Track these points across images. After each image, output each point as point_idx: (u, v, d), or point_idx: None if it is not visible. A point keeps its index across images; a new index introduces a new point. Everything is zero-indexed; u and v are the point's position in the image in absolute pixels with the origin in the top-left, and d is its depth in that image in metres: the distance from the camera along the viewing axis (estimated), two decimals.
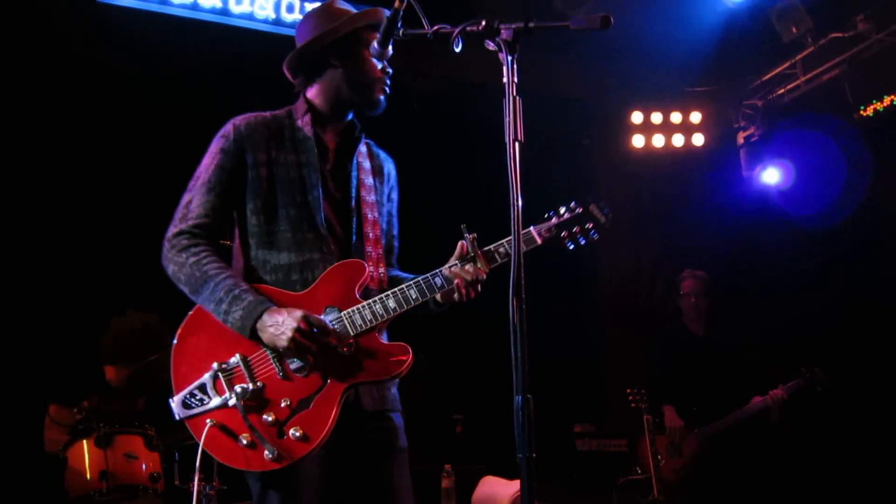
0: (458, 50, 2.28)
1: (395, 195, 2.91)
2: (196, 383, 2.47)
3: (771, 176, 7.40)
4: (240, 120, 2.66)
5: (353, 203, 2.67)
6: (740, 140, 7.67)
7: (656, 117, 7.61)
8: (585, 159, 8.19)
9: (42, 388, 4.92)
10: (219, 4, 6.20)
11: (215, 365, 2.46)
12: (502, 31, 2.13)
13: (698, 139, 7.68)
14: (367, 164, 2.78)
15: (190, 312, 2.56)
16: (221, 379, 2.45)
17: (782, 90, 7.20)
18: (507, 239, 2.53)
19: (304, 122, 2.70)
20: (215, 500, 4.52)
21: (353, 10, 2.74)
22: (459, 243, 2.56)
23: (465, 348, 6.74)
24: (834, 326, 6.59)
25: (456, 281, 2.52)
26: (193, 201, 2.58)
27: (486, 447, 6.07)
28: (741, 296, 7.10)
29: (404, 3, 2.39)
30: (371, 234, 2.67)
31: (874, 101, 6.47)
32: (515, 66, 2.09)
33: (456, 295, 2.55)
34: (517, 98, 2.06)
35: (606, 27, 2.05)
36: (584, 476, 6.25)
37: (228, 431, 2.41)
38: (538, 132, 2.69)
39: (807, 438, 6.66)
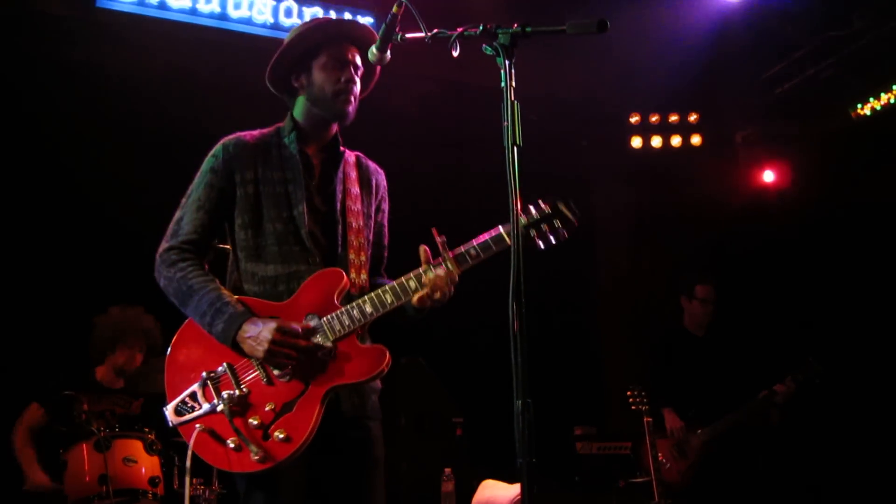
0: (455, 54, 2.29)
1: (385, 206, 2.98)
2: (187, 391, 2.59)
3: (769, 176, 7.40)
4: (229, 140, 2.76)
5: (339, 215, 2.75)
6: (738, 139, 7.68)
7: (654, 118, 7.61)
8: (584, 161, 8.19)
9: (36, 391, 4.93)
10: (217, 9, 6.22)
11: (204, 373, 2.58)
12: (500, 36, 2.13)
13: (696, 139, 7.68)
14: (353, 174, 2.86)
15: (182, 325, 2.68)
16: (210, 386, 2.57)
17: (780, 89, 7.20)
18: (477, 242, 2.59)
19: (289, 141, 2.78)
20: (215, 503, 4.53)
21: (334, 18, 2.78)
22: (422, 247, 2.60)
23: (465, 352, 6.73)
24: (833, 325, 6.59)
25: (427, 285, 2.57)
26: (184, 219, 2.70)
27: (486, 450, 6.07)
28: (739, 295, 7.10)
29: (402, 8, 2.41)
30: (355, 242, 2.75)
31: (871, 99, 6.47)
32: (513, 71, 2.09)
33: (428, 299, 2.59)
34: (515, 102, 2.06)
35: (603, 31, 2.05)
36: (584, 479, 6.24)
37: (216, 436, 2.52)
38: (536, 134, 2.70)
39: (806, 440, 6.66)
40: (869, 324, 6.54)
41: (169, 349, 2.68)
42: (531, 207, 2.65)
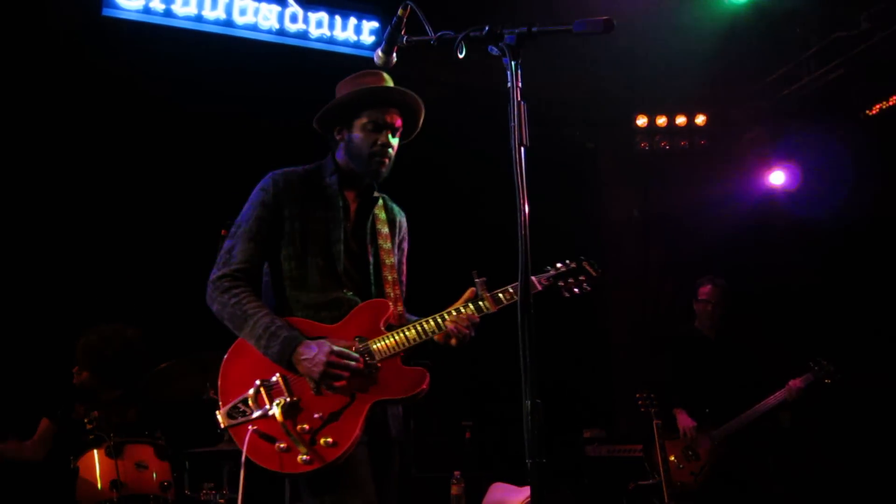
0: (461, 56, 2.29)
1: (405, 245, 3.23)
2: (241, 398, 2.77)
3: (777, 177, 7.38)
4: (278, 175, 2.99)
5: (371, 257, 3.01)
6: (746, 141, 7.65)
7: (661, 120, 7.60)
8: (590, 164, 8.19)
9: (44, 407, 4.95)
10: (223, 16, 6.24)
11: (258, 381, 2.77)
12: (506, 37, 2.13)
13: (704, 141, 7.66)
14: (382, 216, 3.11)
15: (236, 340, 2.86)
16: (263, 393, 2.75)
17: (787, 91, 7.18)
18: (511, 286, 2.93)
19: (331, 182, 3.02)
20: None
21: (378, 80, 3.00)
22: (470, 288, 2.93)
23: (474, 355, 6.71)
24: (842, 327, 6.56)
25: (452, 324, 2.87)
26: (235, 248, 2.90)
27: (496, 453, 6.07)
28: (749, 298, 7.08)
29: (407, 11, 2.42)
30: (389, 277, 3.01)
31: (880, 101, 6.44)
32: (520, 71, 2.09)
33: (454, 339, 2.89)
34: (522, 103, 2.06)
35: (609, 31, 2.05)
36: (593, 482, 6.23)
37: (267, 437, 2.70)
38: (542, 137, 2.71)
39: (816, 442, 6.63)
40: (879, 324, 6.51)
41: (224, 359, 2.85)
42: (558, 263, 3.09)
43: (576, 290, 3.08)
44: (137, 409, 5.00)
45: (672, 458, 5.39)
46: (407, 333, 2.85)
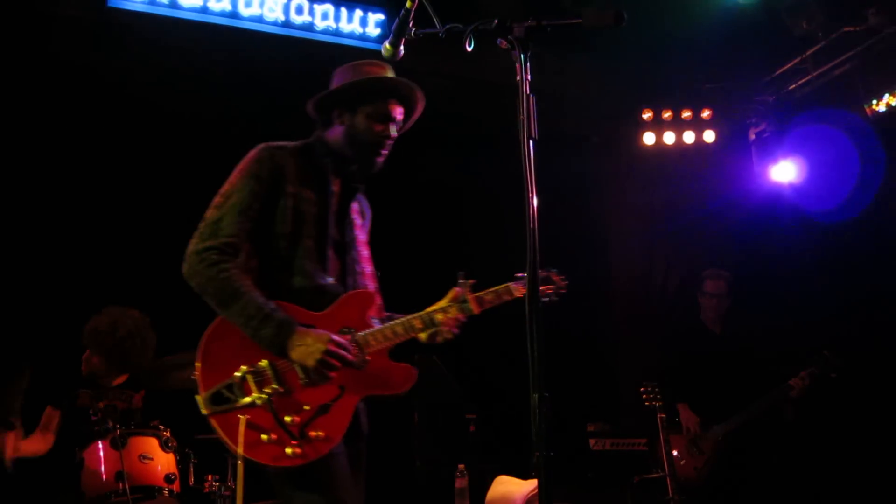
0: (470, 49, 2.29)
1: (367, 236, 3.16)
2: (225, 382, 2.63)
3: (783, 172, 7.36)
4: (274, 148, 2.85)
5: (349, 246, 2.94)
6: (752, 136, 7.63)
7: (667, 114, 7.58)
8: (595, 158, 8.17)
9: (48, 394, 4.97)
10: (228, 7, 6.22)
11: (245, 367, 2.64)
12: (515, 29, 2.13)
13: (709, 135, 7.64)
14: (355, 205, 3.04)
15: (216, 320, 2.72)
16: (250, 381, 2.63)
17: (794, 85, 7.15)
18: (494, 288, 2.97)
19: (324, 163, 2.93)
20: (230, 500, 4.54)
21: (384, 71, 2.94)
22: (454, 288, 2.91)
23: (478, 348, 6.72)
24: (848, 322, 6.55)
25: (442, 323, 2.88)
26: (223, 220, 2.72)
27: (500, 447, 6.07)
28: (754, 292, 7.08)
29: (416, 3, 2.41)
30: (367, 270, 2.98)
31: (886, 95, 6.42)
32: (528, 64, 2.09)
33: (439, 337, 2.92)
34: (531, 96, 2.06)
35: (620, 23, 2.04)
36: (598, 475, 6.23)
37: (256, 427, 2.58)
38: (545, 130, 2.71)
39: (820, 436, 6.63)
40: (885, 318, 6.50)
41: (202, 342, 2.69)
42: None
43: (545, 299, 3.08)
44: (144, 394, 5.02)
45: (675, 453, 5.39)
46: (396, 328, 2.82)
